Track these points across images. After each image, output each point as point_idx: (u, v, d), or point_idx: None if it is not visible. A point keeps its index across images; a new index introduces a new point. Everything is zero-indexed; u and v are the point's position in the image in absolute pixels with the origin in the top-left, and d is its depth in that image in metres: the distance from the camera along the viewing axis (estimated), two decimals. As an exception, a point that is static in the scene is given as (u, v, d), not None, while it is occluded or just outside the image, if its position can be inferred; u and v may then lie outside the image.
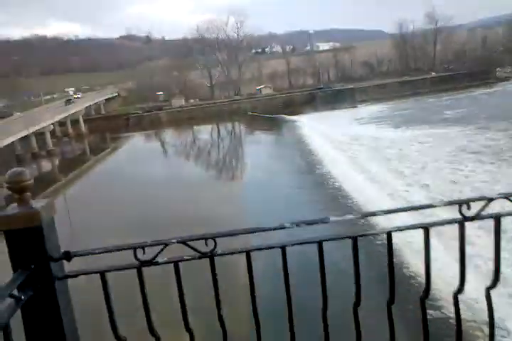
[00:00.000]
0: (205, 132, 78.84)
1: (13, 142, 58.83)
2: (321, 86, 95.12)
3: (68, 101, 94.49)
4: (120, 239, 28.49)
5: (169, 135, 79.38)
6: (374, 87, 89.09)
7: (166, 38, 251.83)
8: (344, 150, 46.26)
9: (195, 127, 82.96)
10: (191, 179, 45.10)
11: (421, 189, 29.34)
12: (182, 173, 49.24)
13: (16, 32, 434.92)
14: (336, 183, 33.07)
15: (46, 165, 63.27)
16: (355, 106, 79.55)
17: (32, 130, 62.01)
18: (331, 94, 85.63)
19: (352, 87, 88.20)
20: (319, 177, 37.16)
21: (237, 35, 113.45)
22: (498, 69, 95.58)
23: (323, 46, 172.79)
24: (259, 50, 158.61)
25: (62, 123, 78.39)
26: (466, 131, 46.19)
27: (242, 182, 43.46)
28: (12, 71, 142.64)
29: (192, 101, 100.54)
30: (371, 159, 39.54)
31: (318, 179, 36.47)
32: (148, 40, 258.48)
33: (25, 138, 61.98)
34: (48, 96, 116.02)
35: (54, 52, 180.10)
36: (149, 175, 48.64)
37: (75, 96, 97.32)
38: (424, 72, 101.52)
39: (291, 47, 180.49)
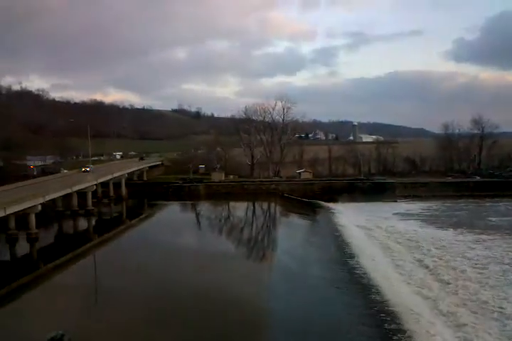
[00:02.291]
0: (240, 209, 78.97)
1: (56, 198, 60.75)
2: (362, 177, 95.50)
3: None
4: (134, 310, 27.37)
5: (205, 208, 79.80)
6: (416, 184, 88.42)
7: (215, 115, 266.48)
8: (382, 244, 44.55)
9: (231, 203, 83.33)
10: (219, 255, 44.19)
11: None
12: (211, 248, 48.45)
13: (76, 96, 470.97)
14: (375, 287, 31.07)
15: (83, 224, 64.00)
16: (395, 201, 78.46)
17: (75, 189, 63.91)
18: (370, 186, 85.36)
19: (393, 181, 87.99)
20: (352, 271, 35.39)
21: (283, 119, 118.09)
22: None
23: (366, 138, 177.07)
24: (303, 135, 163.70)
25: (104, 185, 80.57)
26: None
27: (270, 265, 42.18)
28: (67, 131, 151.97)
29: (231, 177, 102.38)
30: (413, 261, 37.55)
31: (351, 275, 34.66)
32: (197, 115, 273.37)
33: (68, 195, 63.80)
34: (96, 158, 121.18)
35: (109, 118, 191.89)
36: (178, 246, 48.15)
37: (86, 169, 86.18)
38: (467, 174, 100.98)
39: (335, 135, 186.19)
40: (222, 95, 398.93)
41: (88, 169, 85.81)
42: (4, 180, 69.69)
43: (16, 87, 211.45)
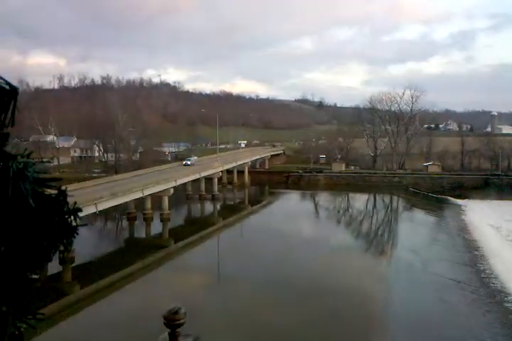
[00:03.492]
0: (360, 201, 77.08)
1: (185, 183, 65.76)
2: (499, 172, 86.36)
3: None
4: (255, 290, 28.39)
5: (324, 198, 79.51)
6: None
7: (338, 104, 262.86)
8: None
9: (351, 194, 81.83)
10: (337, 246, 43.95)
11: None
12: (328, 238, 48.31)
13: (208, 87, 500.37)
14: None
15: (209, 208, 68.43)
16: (539, 201, 69.53)
17: (203, 175, 68.29)
18: (509, 183, 76.82)
19: (537, 178, 78.23)
20: (484, 277, 32.40)
21: (411, 109, 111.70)
22: None
23: (507, 130, 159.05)
24: (433, 126, 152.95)
25: (229, 172, 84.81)
26: None
27: (390, 261, 40.55)
28: (198, 120, 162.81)
29: (352, 168, 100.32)
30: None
31: (482, 280, 31.77)
32: (320, 105, 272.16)
33: (197, 181, 68.54)
34: (223, 146, 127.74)
35: (236, 108, 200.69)
36: (296, 234, 48.75)
37: (186, 162, 76.11)
38: None
39: (469, 126, 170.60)
40: (347, 84, 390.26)
41: (189, 162, 74.98)
42: (144, 165, 77.33)
43: (155, 80, 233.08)
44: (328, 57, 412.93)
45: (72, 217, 2.00)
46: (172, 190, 54.48)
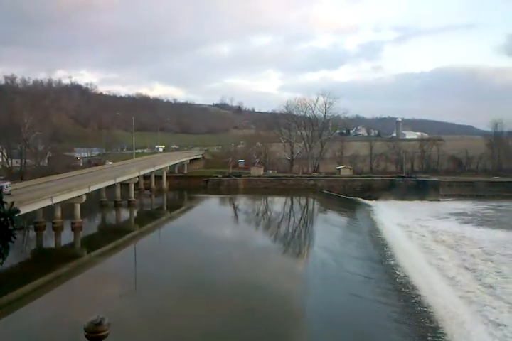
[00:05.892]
0: (278, 204, 78.98)
1: (99, 189, 62.77)
2: (404, 174, 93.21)
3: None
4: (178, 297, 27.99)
5: (243, 202, 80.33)
6: (460, 182, 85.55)
7: (256, 109, 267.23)
8: (423, 245, 43.53)
9: (269, 197, 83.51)
10: (255, 247, 44.63)
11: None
12: (248, 241, 48.83)
13: (123, 90, 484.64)
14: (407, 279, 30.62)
15: (125, 215, 66.00)
16: (438, 200, 76.18)
17: (118, 180, 65.78)
18: (412, 184, 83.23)
19: (437, 179, 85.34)
20: (389, 270, 34.98)
21: (324, 115, 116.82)
22: None
23: (410, 135, 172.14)
24: (344, 131, 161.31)
25: (146, 177, 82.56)
26: None
27: (307, 260, 42.01)
28: (113, 124, 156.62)
29: (270, 172, 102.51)
30: (457, 264, 36.48)
31: (387, 273, 34.25)
32: (239, 109, 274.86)
33: (112, 186, 65.82)
34: (139, 150, 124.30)
35: (153, 111, 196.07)
36: (215, 238, 48.77)
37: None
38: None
39: (377, 132, 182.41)
40: (264, 90, 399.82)
41: None
42: (53, 171, 72.82)
43: (65, 81, 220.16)
44: (246, 62, 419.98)
45: (8, 220, 1.85)
46: (84, 197, 51.76)
